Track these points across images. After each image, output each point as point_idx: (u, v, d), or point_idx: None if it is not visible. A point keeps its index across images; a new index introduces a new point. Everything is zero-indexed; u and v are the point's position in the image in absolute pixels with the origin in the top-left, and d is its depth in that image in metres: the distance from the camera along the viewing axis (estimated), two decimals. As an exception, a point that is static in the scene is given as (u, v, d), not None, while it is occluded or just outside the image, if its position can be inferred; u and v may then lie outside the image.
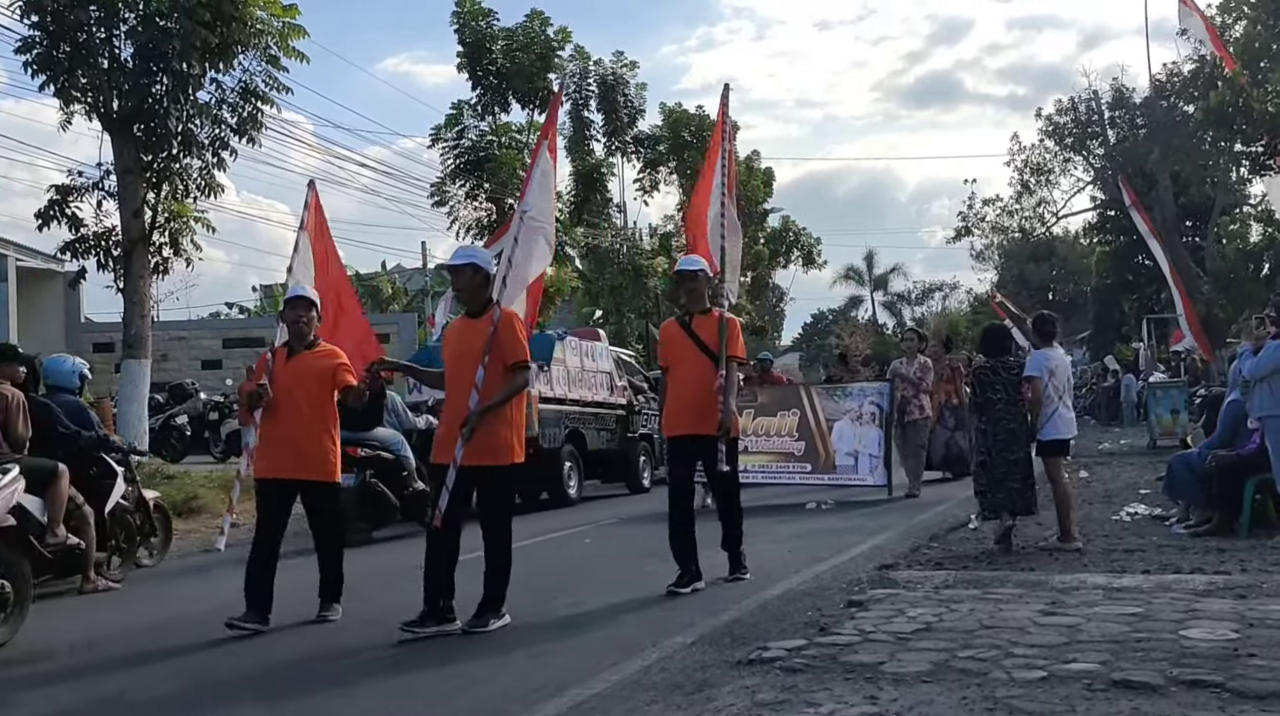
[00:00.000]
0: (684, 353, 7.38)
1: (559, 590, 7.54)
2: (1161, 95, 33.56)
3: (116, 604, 7.99)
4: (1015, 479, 8.49)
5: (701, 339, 7.33)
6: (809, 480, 12.70)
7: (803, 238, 37.92)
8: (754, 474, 12.20)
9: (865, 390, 13.13)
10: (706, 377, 7.22)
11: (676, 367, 7.45)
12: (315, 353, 6.87)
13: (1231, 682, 4.27)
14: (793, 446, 12.76)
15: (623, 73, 30.21)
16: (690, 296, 7.57)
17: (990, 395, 8.64)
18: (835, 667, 4.83)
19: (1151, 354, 28.83)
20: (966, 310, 59.94)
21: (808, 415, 12.74)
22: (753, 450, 12.52)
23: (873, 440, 12.64)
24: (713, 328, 7.34)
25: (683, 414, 7.33)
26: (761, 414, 12.86)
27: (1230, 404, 9.52)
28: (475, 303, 6.40)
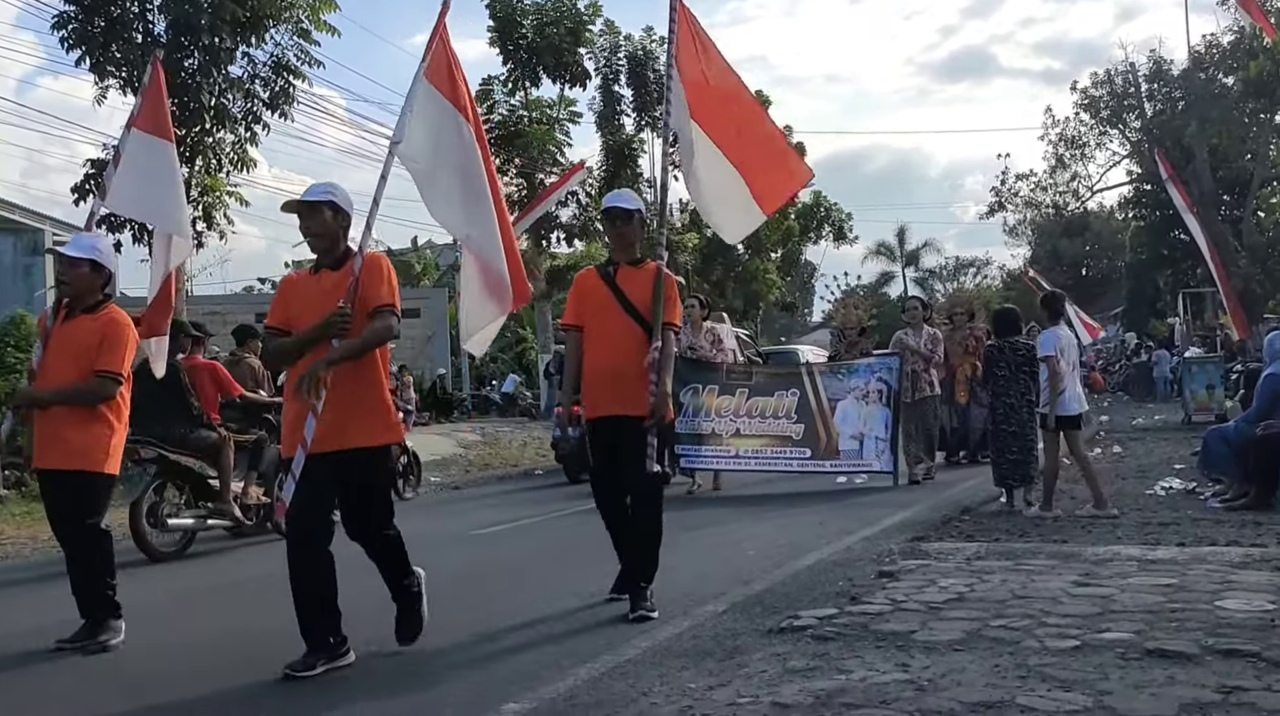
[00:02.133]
0: (605, 312, 5.88)
1: (590, 563, 7.57)
2: (1200, 67, 33.08)
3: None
4: (1014, 450, 9.30)
5: (628, 296, 5.84)
6: (808, 466, 11.59)
7: (834, 213, 37.70)
8: (746, 459, 11.64)
9: (872, 366, 11.94)
10: (631, 345, 5.74)
11: (594, 330, 5.92)
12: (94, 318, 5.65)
13: (1268, 652, 4.23)
14: (790, 429, 11.54)
15: (653, 48, 30.07)
16: (618, 241, 6.08)
17: (995, 371, 9.52)
18: (866, 636, 4.83)
19: (1187, 329, 28.49)
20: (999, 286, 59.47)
21: (808, 395, 11.56)
22: (745, 433, 11.57)
23: (879, 421, 11.47)
24: (644, 284, 5.84)
25: (602, 389, 5.83)
26: (757, 394, 11.67)
27: (1268, 377, 9.40)
28: (333, 253, 5.01)
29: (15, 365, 13.63)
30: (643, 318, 5.79)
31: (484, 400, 30.28)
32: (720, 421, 11.50)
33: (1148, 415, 22.17)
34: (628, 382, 5.69)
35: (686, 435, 11.41)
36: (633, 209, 6.03)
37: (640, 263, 6.01)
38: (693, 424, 11.47)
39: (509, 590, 6.87)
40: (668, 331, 5.75)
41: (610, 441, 5.83)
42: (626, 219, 6.01)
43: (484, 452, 19.26)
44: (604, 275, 6.01)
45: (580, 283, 6.17)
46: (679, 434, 11.24)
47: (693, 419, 11.46)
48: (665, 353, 5.72)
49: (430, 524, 10.15)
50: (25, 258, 20.72)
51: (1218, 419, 15.26)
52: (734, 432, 11.50)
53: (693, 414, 11.44)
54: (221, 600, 7.08)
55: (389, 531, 5.12)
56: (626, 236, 6.02)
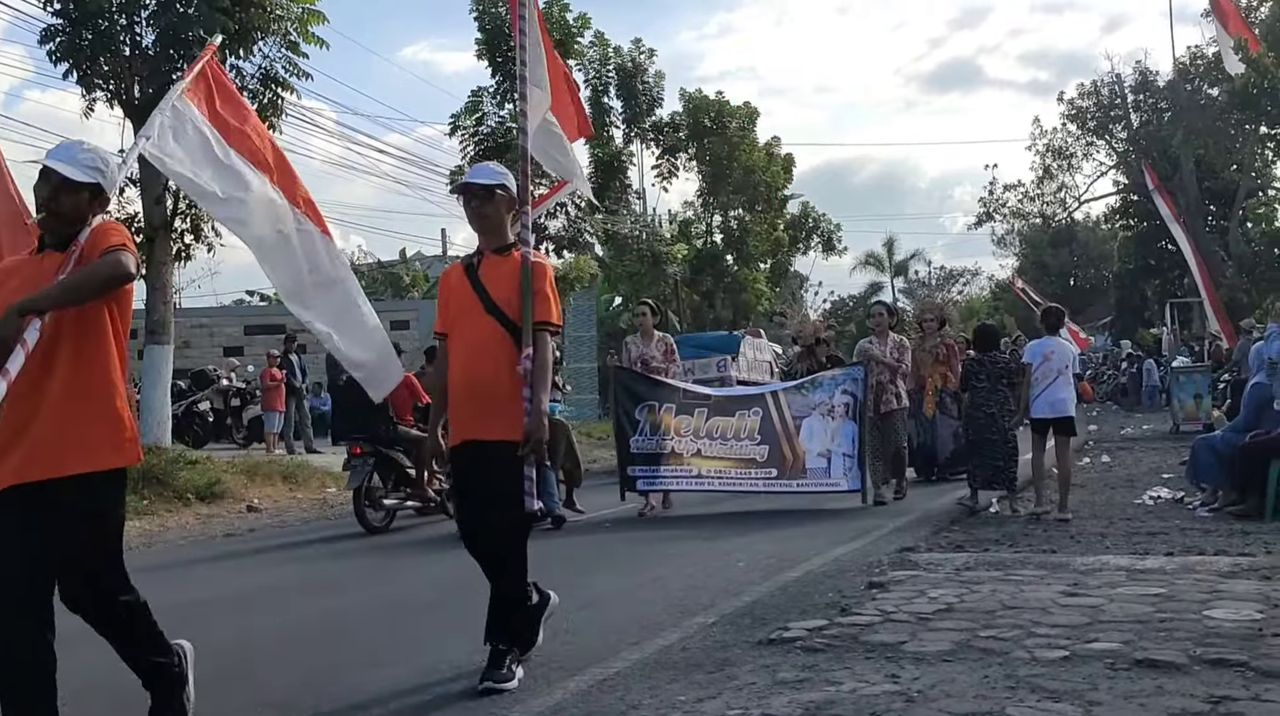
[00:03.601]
0: (466, 313, 4.79)
1: (580, 573, 7.56)
2: (1185, 78, 33.28)
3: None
4: (998, 458, 9.89)
5: (490, 293, 4.73)
6: (774, 487, 10.78)
7: (822, 224, 37.80)
8: (709, 479, 10.84)
9: (836, 378, 11.04)
10: (495, 353, 4.67)
11: (455, 336, 4.86)
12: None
13: (1256, 662, 4.25)
14: (754, 451, 10.75)
15: (641, 60, 30.17)
16: (480, 224, 4.88)
17: (975, 383, 10.10)
18: (856, 647, 4.83)
19: (1175, 339, 28.61)
20: (988, 297, 59.66)
21: (771, 414, 10.78)
22: (707, 454, 10.79)
23: (846, 436, 10.65)
24: (509, 277, 4.74)
25: (463, 409, 4.74)
26: (716, 414, 10.86)
27: (1254, 387, 9.47)
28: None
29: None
30: (509, 319, 4.69)
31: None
32: (680, 441, 10.76)
33: (1136, 424, 22.25)
34: (492, 400, 4.62)
35: (643, 455, 10.76)
36: (493, 183, 4.84)
37: (508, 250, 4.84)
38: (649, 443, 10.76)
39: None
40: (542, 334, 4.69)
41: (475, 474, 4.71)
42: (486, 196, 4.82)
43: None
44: (467, 268, 4.89)
45: (445, 279, 5.08)
46: (634, 454, 10.72)
47: (649, 438, 10.76)
48: (539, 361, 4.64)
49: (420, 532, 10.14)
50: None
51: (1206, 428, 15.32)
52: (695, 453, 10.78)
53: (649, 432, 10.75)
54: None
55: (126, 596, 3.77)
56: (490, 218, 4.84)
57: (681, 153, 32.49)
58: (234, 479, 13.23)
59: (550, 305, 4.76)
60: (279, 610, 6.75)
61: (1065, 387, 9.42)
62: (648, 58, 30.23)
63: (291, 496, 13.43)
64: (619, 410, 11.05)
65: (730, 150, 33.07)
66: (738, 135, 33.42)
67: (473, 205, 4.86)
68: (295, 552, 9.58)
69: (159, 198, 14.30)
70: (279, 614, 6.63)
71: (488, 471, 4.66)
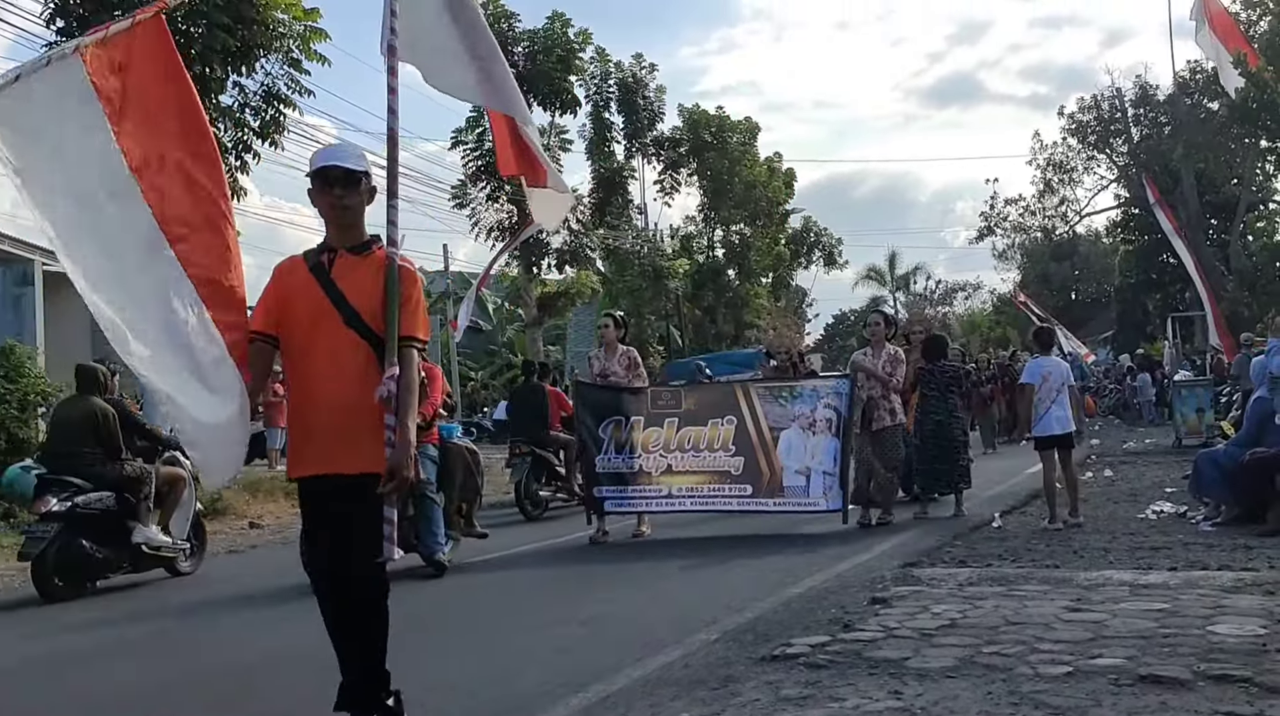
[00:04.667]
0: (315, 321, 3.96)
1: (583, 590, 7.55)
2: (1185, 92, 33.32)
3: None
4: (943, 462, 10.53)
5: (348, 298, 3.95)
6: (749, 506, 10.06)
7: (824, 238, 37.89)
8: (680, 499, 10.15)
9: (819, 390, 10.30)
10: (354, 371, 3.91)
11: (298, 347, 4.00)
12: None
13: (1260, 677, 4.23)
14: (728, 463, 9.99)
15: (643, 75, 30.30)
16: (338, 217, 4.05)
17: (925, 391, 10.65)
18: (859, 663, 4.82)
19: (1177, 352, 28.58)
20: (989, 310, 59.66)
21: (747, 423, 10.01)
22: (678, 469, 10.05)
23: (827, 453, 9.89)
24: (369, 280, 3.97)
25: (312, 436, 3.98)
26: (689, 423, 10.10)
27: (1256, 401, 9.45)
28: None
29: (4, 396, 13.56)
30: (373, 332, 3.92)
31: (476, 427, 30.25)
32: (648, 457, 10.08)
33: (1139, 438, 22.20)
34: (356, 426, 3.87)
35: (608, 475, 10.12)
36: (359, 170, 4.03)
37: (367, 249, 4.05)
38: (616, 461, 10.15)
39: (499, 617, 6.83)
40: (408, 350, 3.93)
41: (335, 512, 3.95)
42: (349, 184, 3.99)
43: (203, 513, 19.04)
44: (315, 267, 4.01)
45: (281, 276, 4.11)
46: (599, 474, 10.14)
47: (615, 456, 10.14)
48: (405, 382, 3.86)
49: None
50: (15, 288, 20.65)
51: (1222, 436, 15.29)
52: (664, 469, 10.06)
53: (615, 451, 10.13)
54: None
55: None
56: (352, 210, 4.04)
57: (683, 168, 32.58)
58: (236, 495, 13.24)
59: (419, 317, 4.05)
60: (281, 627, 6.73)
61: (1065, 404, 9.76)
62: (649, 73, 30.38)
63: (294, 512, 13.37)
64: (582, 428, 10.43)
65: (731, 165, 33.21)
66: (739, 150, 33.57)
67: (334, 193, 3.98)
68: (297, 569, 9.54)
69: (161, 214, 14.32)
70: (281, 631, 6.62)
71: (350, 510, 3.90)
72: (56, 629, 7.20)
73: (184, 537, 9.19)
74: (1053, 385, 9.67)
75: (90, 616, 7.60)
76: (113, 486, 8.59)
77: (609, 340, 10.56)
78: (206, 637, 6.81)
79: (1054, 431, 9.62)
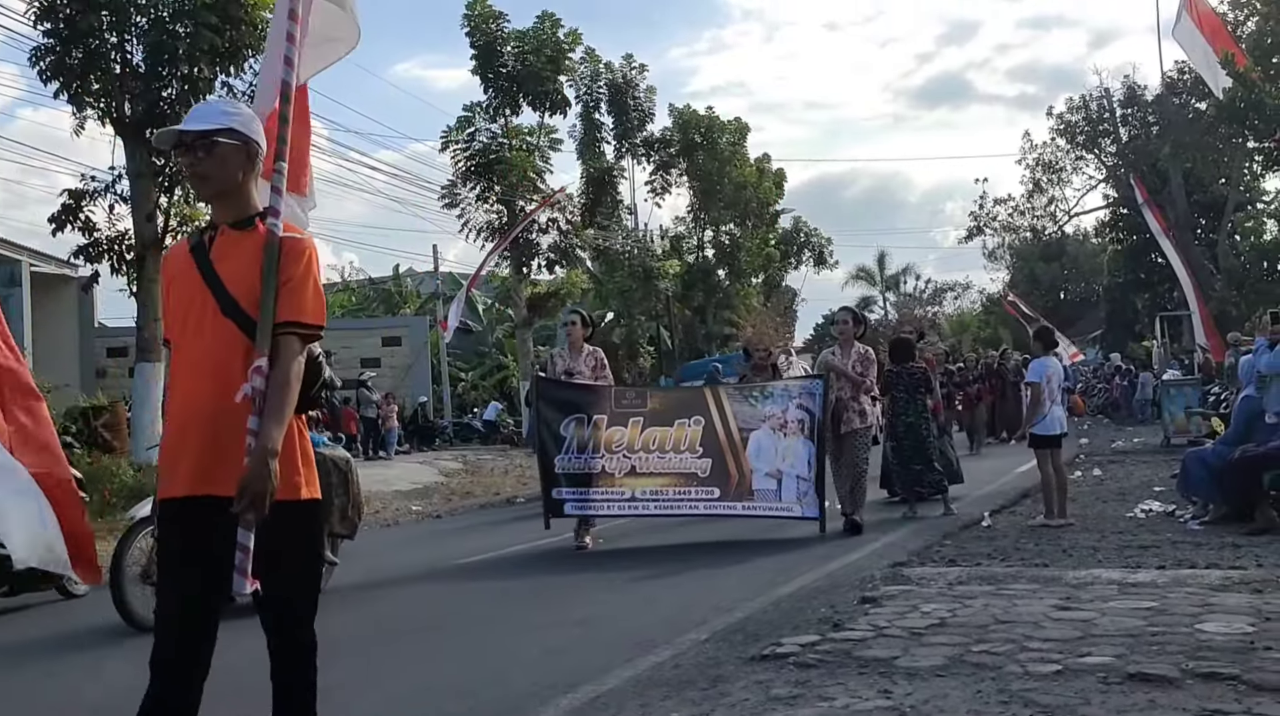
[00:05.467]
0: (190, 309, 3.27)
1: (573, 591, 7.54)
2: (1174, 92, 33.46)
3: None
4: (919, 461, 10.71)
5: (225, 282, 3.23)
6: (717, 509, 9.63)
7: (814, 238, 37.95)
8: (644, 503, 9.70)
9: (790, 390, 9.89)
10: (230, 367, 3.15)
11: (173, 338, 3.36)
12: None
13: (1248, 675, 4.25)
14: (695, 465, 9.54)
15: (633, 76, 30.32)
16: (203, 188, 3.35)
17: (895, 393, 10.82)
18: (849, 662, 4.82)
19: (1165, 352, 28.68)
20: (979, 310, 59.80)
21: (715, 424, 9.59)
22: (642, 471, 9.59)
23: (801, 457, 9.48)
24: (251, 260, 3.22)
25: (178, 448, 3.22)
26: (654, 423, 9.66)
27: (1244, 399, 9.50)
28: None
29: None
30: (252, 320, 3.18)
31: (465, 428, 30.24)
32: (612, 458, 9.60)
33: (1127, 438, 22.28)
34: (227, 438, 3.10)
35: (568, 476, 9.61)
36: (214, 128, 3.25)
37: (251, 223, 3.29)
38: (577, 462, 9.62)
39: (489, 619, 6.83)
40: (287, 338, 3.17)
41: (192, 542, 3.14)
42: (205, 146, 3.24)
43: (465, 481, 19.20)
44: (194, 248, 3.31)
45: (166, 264, 3.50)
46: (560, 475, 9.63)
47: (577, 456, 9.62)
48: (277, 377, 3.11)
49: (412, 553, 10.12)
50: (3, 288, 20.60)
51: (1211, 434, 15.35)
52: (628, 471, 9.59)
53: (576, 450, 9.62)
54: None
55: None
56: (213, 179, 3.27)
57: (673, 168, 32.61)
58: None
59: (305, 298, 3.22)
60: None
61: (1060, 407, 10.02)
62: (639, 74, 30.39)
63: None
64: (541, 426, 9.93)
65: (721, 166, 33.24)
66: (728, 150, 33.59)
67: (196, 155, 3.27)
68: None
69: (150, 214, 14.32)
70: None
71: (214, 540, 3.07)
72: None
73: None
74: (1055, 384, 9.85)
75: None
76: None
77: (575, 339, 10.00)
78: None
79: (1055, 431, 9.79)
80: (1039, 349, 10.47)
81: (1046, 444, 9.76)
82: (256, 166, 3.36)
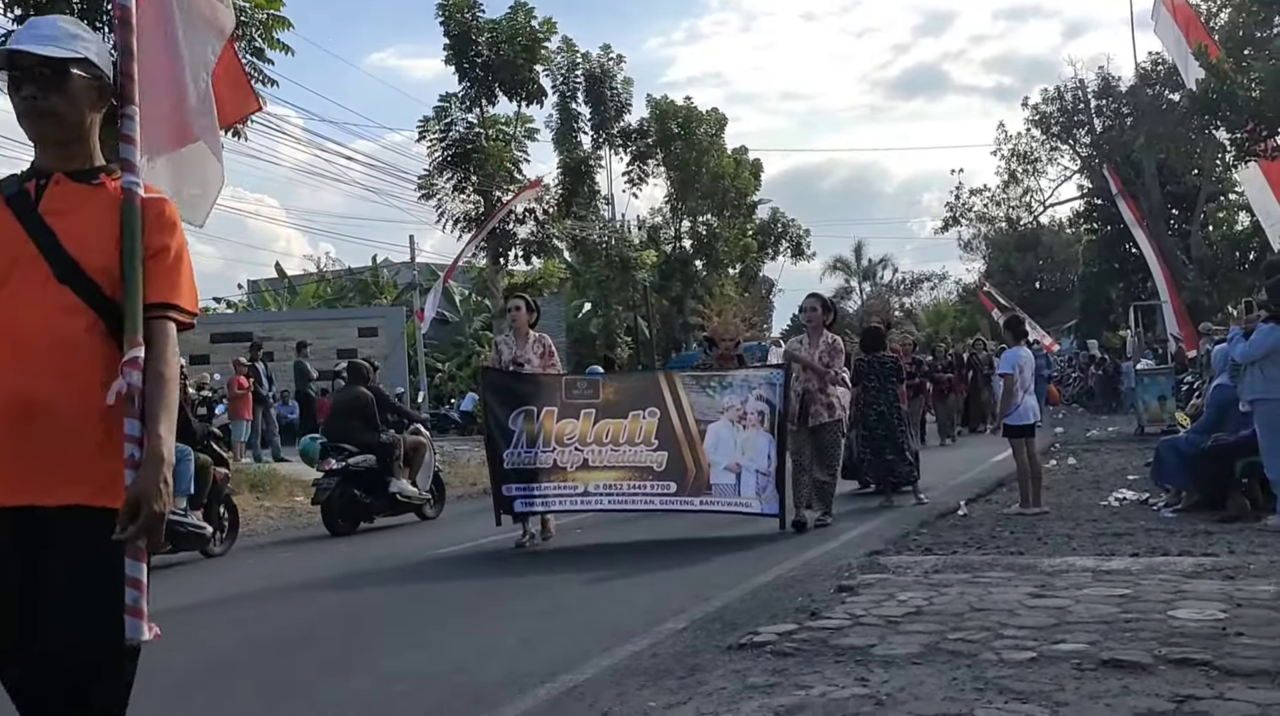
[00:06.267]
0: (5, 265, 2.51)
1: (549, 579, 7.54)
2: (1147, 83, 33.67)
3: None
4: (889, 453, 10.89)
5: (60, 239, 2.52)
6: (674, 504, 9.24)
7: (791, 229, 38.01)
8: (597, 497, 9.24)
9: (750, 380, 9.45)
10: (67, 347, 2.48)
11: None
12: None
13: (1220, 661, 4.29)
14: (650, 458, 9.11)
15: (610, 66, 30.24)
16: (42, 128, 2.59)
17: (866, 383, 11.02)
18: (826, 651, 4.84)
19: (1139, 341, 28.89)
20: (955, 300, 60.06)
21: (671, 415, 9.14)
22: (595, 464, 9.15)
23: (760, 450, 9.07)
24: (98, 219, 2.56)
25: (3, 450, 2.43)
26: (607, 415, 9.20)
27: (1217, 388, 9.57)
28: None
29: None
30: (100, 290, 2.53)
31: (443, 418, 30.14)
32: (563, 451, 9.14)
33: (1102, 427, 22.45)
34: (63, 437, 2.45)
35: (515, 471, 9.16)
36: (66, 55, 2.56)
37: (95, 176, 2.65)
38: (527, 456, 9.15)
39: (464, 609, 6.81)
40: (162, 323, 2.57)
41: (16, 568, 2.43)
42: (51, 78, 2.55)
43: (443, 472, 19.10)
44: (13, 198, 2.60)
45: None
46: (510, 470, 9.16)
47: (527, 450, 9.15)
48: (158, 369, 2.52)
49: (390, 544, 10.09)
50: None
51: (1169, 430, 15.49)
52: (580, 464, 9.15)
53: (526, 443, 9.14)
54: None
55: None
56: (58, 118, 2.58)
57: (650, 159, 32.57)
58: (200, 489, 13.08)
59: (180, 277, 2.64)
60: (241, 620, 6.68)
61: (1032, 396, 10.18)
62: (616, 64, 30.33)
63: (259, 505, 13.31)
64: (490, 419, 9.47)
65: (698, 156, 33.22)
66: (706, 141, 33.56)
67: (25, 94, 2.56)
68: (261, 562, 9.50)
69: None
70: (241, 624, 6.56)
71: (45, 564, 2.41)
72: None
73: (427, 489, 11.93)
74: (1027, 375, 9.99)
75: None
76: (373, 451, 11.17)
77: (520, 325, 9.48)
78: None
79: (1029, 420, 9.94)
80: (1010, 339, 10.57)
81: (1020, 433, 9.88)
82: (102, 109, 2.68)
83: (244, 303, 40.73)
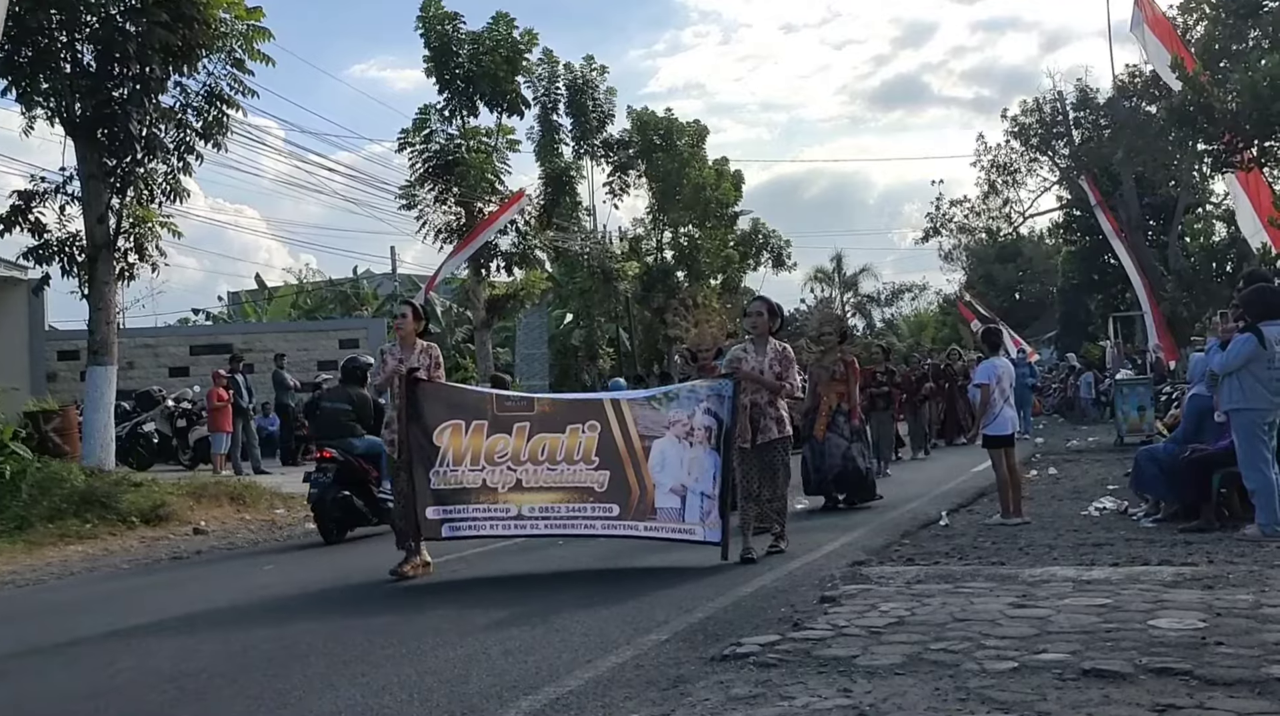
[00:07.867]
0: None
1: (534, 589, 7.52)
2: (1125, 95, 33.90)
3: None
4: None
5: None
6: (616, 529, 8.29)
7: (772, 240, 38.06)
8: (532, 521, 8.35)
9: (698, 392, 8.44)
10: None
11: None
12: None
13: (1200, 670, 4.32)
14: (591, 477, 8.23)
15: (592, 77, 30.29)
16: None
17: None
18: (809, 662, 4.85)
19: (1118, 352, 29.09)
20: (935, 311, 60.33)
21: (613, 430, 8.25)
22: (530, 485, 8.28)
23: (706, 471, 8.16)
24: None
25: None
26: (543, 430, 8.32)
27: (1193, 398, 9.65)
28: None
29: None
30: None
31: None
32: (493, 471, 8.30)
33: (1081, 437, 22.56)
34: None
35: (445, 491, 8.33)
36: None
37: None
38: (453, 475, 8.32)
39: (448, 619, 6.77)
40: None
41: None
42: None
43: None
44: None
45: None
46: (435, 491, 8.31)
47: (453, 468, 8.31)
48: None
49: (373, 554, 10.02)
50: (-49, 291, 20.28)
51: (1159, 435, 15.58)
52: (513, 485, 8.29)
53: (453, 462, 8.30)
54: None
55: None
56: None
57: (631, 170, 32.62)
58: (180, 501, 13.01)
59: None
60: (226, 633, 6.63)
61: (1011, 407, 10.27)
62: (599, 75, 30.38)
63: (239, 518, 13.24)
64: (412, 434, 8.38)
65: (680, 167, 33.28)
66: (687, 152, 33.64)
67: None
68: (243, 575, 9.44)
69: (102, 216, 14.10)
70: (226, 637, 6.52)
71: None
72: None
73: None
74: (1005, 385, 10.08)
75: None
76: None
77: (406, 333, 8.71)
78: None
79: (1007, 431, 10.05)
80: (986, 350, 10.69)
81: (999, 443, 9.96)
82: None
83: (224, 314, 40.58)
